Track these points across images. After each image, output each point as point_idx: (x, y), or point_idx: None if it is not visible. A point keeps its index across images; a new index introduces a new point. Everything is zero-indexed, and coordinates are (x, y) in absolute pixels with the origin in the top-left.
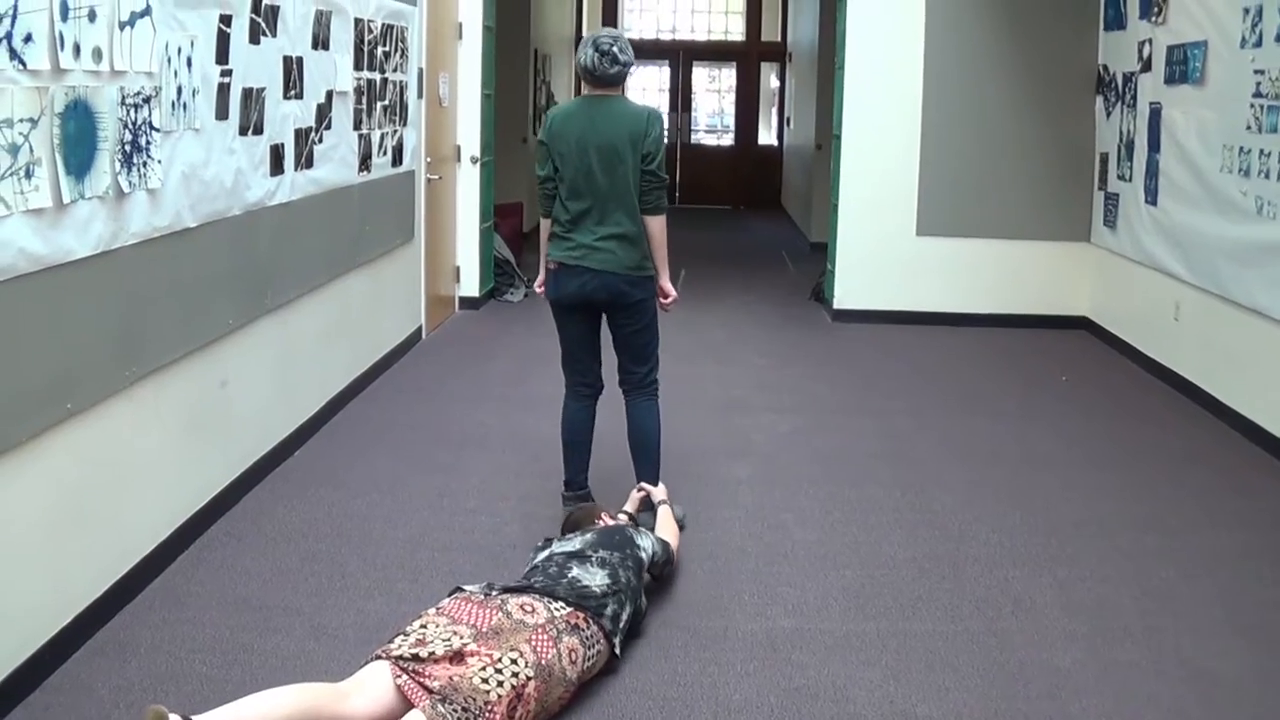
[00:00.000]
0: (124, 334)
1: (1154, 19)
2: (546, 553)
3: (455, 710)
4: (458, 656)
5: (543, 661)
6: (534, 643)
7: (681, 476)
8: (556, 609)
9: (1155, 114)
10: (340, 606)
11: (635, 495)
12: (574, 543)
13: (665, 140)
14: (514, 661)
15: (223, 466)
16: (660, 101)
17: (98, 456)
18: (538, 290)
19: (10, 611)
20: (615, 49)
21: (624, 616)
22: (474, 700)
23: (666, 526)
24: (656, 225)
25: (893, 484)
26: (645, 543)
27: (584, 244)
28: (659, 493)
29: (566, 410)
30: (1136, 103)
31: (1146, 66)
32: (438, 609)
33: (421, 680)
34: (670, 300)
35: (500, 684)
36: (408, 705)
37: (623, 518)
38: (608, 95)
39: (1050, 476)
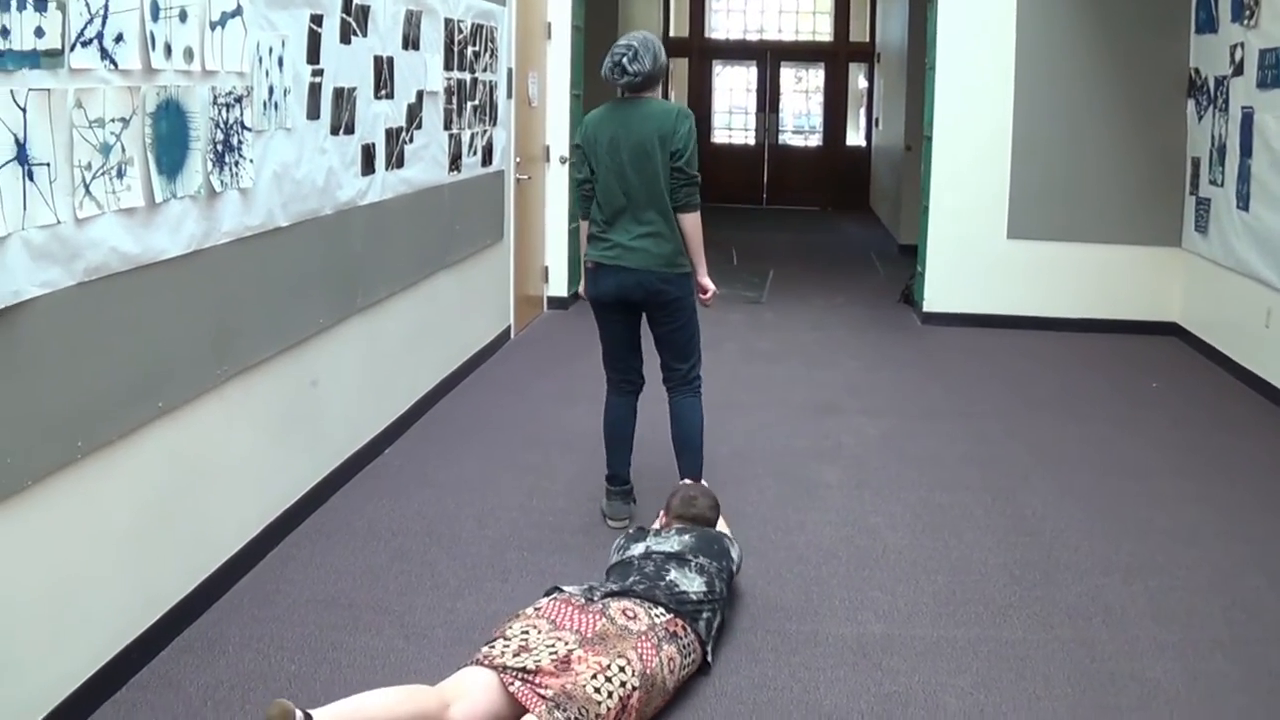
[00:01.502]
0: (215, 333)
1: (1246, 22)
2: (643, 547)
3: (570, 718)
4: (564, 663)
5: (648, 670)
6: (639, 650)
7: (771, 478)
8: (657, 615)
9: (1247, 118)
10: (429, 606)
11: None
12: (673, 543)
13: (695, 137)
14: (622, 670)
15: (312, 465)
16: (748, 102)
17: (188, 455)
18: (580, 293)
19: (100, 608)
20: (625, 60)
21: (715, 625)
22: (586, 711)
23: (724, 528)
24: (690, 222)
25: (983, 489)
26: (735, 552)
27: (619, 243)
28: None
29: (608, 406)
30: (1228, 107)
31: (1238, 70)
32: (537, 610)
33: (535, 689)
34: (709, 295)
35: (610, 694)
36: (515, 711)
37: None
38: (639, 97)
39: (1139, 484)
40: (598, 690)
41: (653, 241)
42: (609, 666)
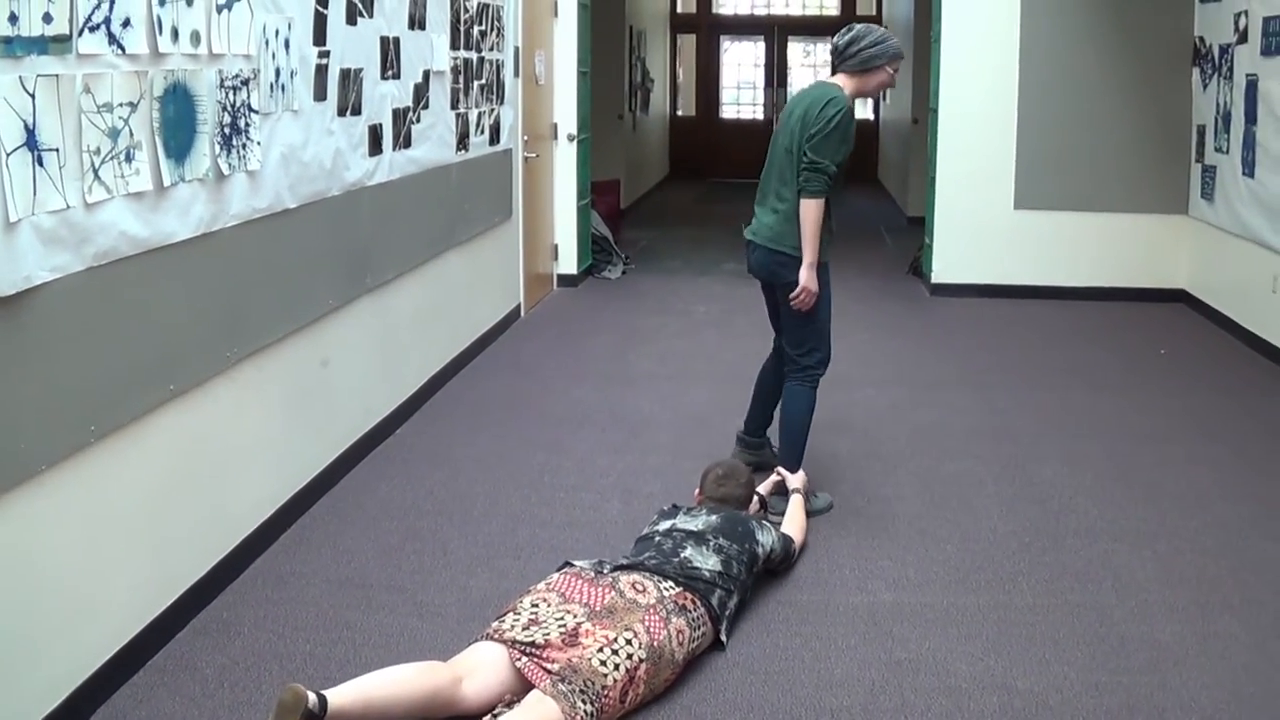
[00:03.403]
0: (225, 315)
1: None
2: (668, 524)
3: (575, 690)
4: (572, 636)
5: (655, 643)
6: (647, 623)
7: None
8: (666, 588)
9: (1252, 86)
10: (443, 584)
11: (773, 477)
12: (697, 521)
13: (837, 124)
14: (629, 642)
15: (324, 445)
16: (756, 78)
17: (201, 436)
18: None
19: (115, 592)
20: (839, 40)
21: (731, 605)
22: (592, 684)
23: (794, 519)
24: (805, 207)
25: (992, 458)
26: (765, 539)
27: (755, 218)
28: (794, 480)
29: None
30: (1233, 74)
31: (1243, 38)
32: (548, 584)
33: (541, 663)
34: (799, 292)
35: (616, 666)
36: (524, 685)
37: (754, 499)
38: (828, 79)
39: (1148, 449)
40: (604, 663)
41: (774, 220)
42: (615, 640)
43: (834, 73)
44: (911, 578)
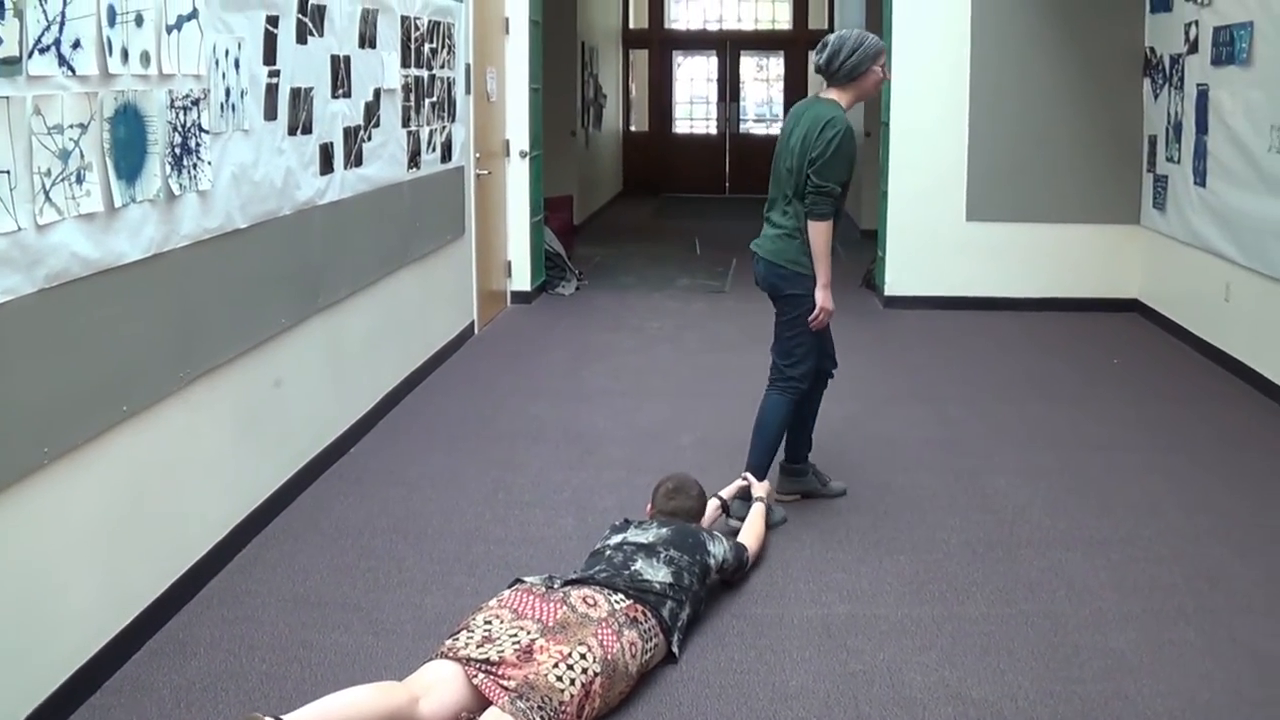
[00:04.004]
0: (177, 335)
1: (1199, 1)
2: (620, 538)
3: (533, 706)
4: (526, 653)
5: (608, 656)
6: (599, 636)
7: (734, 465)
8: (616, 601)
9: (1203, 95)
10: (398, 602)
11: (737, 482)
12: (648, 534)
13: (837, 147)
14: (583, 656)
15: (278, 465)
16: (709, 92)
17: (154, 457)
18: None
19: (70, 613)
20: (819, 58)
21: (682, 617)
22: (549, 699)
23: (752, 527)
24: (813, 230)
25: (945, 470)
26: (717, 550)
27: (763, 232)
28: (759, 488)
29: None
30: (1184, 84)
31: (1193, 48)
32: (499, 601)
33: (498, 680)
34: (816, 314)
35: (572, 681)
36: (481, 703)
37: (715, 502)
38: (821, 94)
39: (1102, 459)
40: (560, 678)
41: (776, 234)
42: (570, 654)
43: (827, 87)
44: (865, 589)
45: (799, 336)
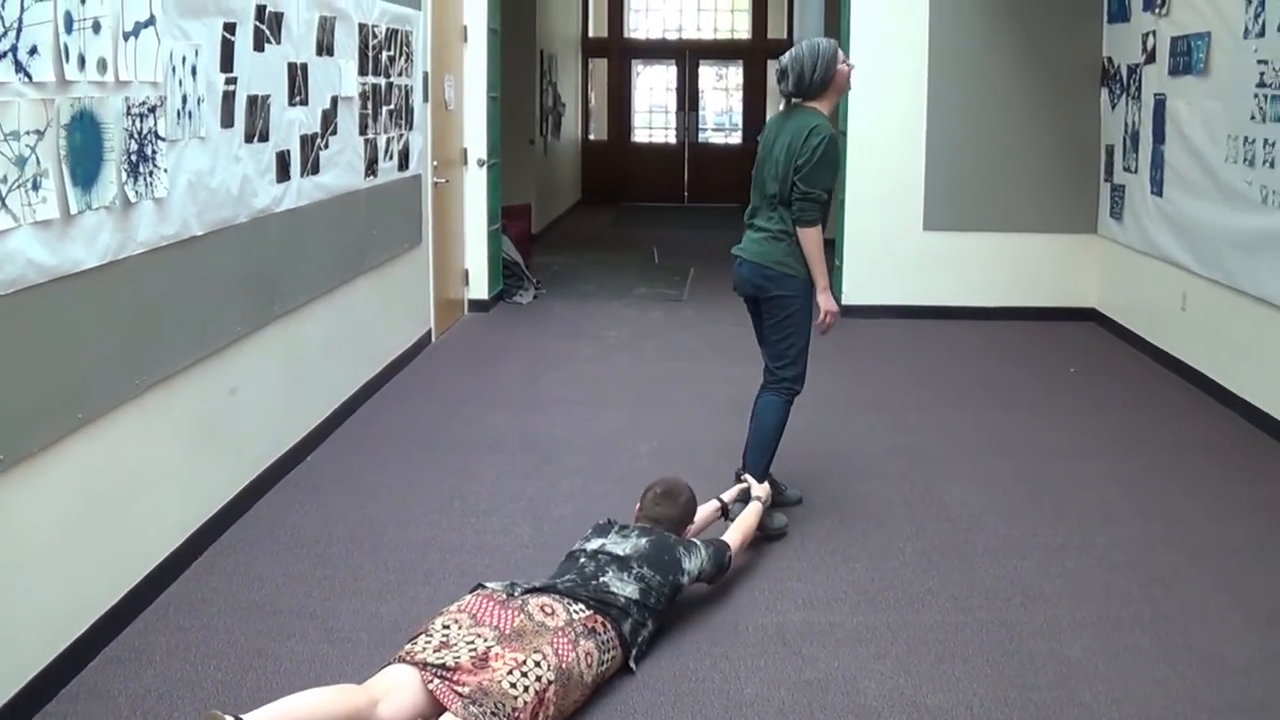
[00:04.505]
0: (133, 343)
1: (1157, 10)
2: (599, 543)
3: (486, 712)
4: (482, 660)
5: (563, 665)
6: (555, 645)
7: (691, 473)
8: (575, 611)
9: (1160, 105)
10: (353, 610)
11: (738, 485)
12: (626, 545)
13: (823, 155)
14: (538, 665)
15: (234, 473)
16: (668, 101)
17: (110, 465)
18: None
19: (26, 621)
20: (779, 74)
21: (643, 634)
22: (503, 705)
23: (741, 524)
24: (804, 236)
25: (902, 478)
26: (692, 565)
27: (746, 237)
28: (758, 489)
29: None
30: (1141, 94)
31: (1150, 58)
32: (460, 606)
33: (453, 686)
34: (824, 316)
35: (526, 689)
36: (437, 707)
37: (714, 504)
38: (802, 105)
39: (1058, 467)
40: (514, 685)
41: (762, 236)
42: (525, 662)
43: (804, 99)
44: (821, 597)
45: (790, 338)
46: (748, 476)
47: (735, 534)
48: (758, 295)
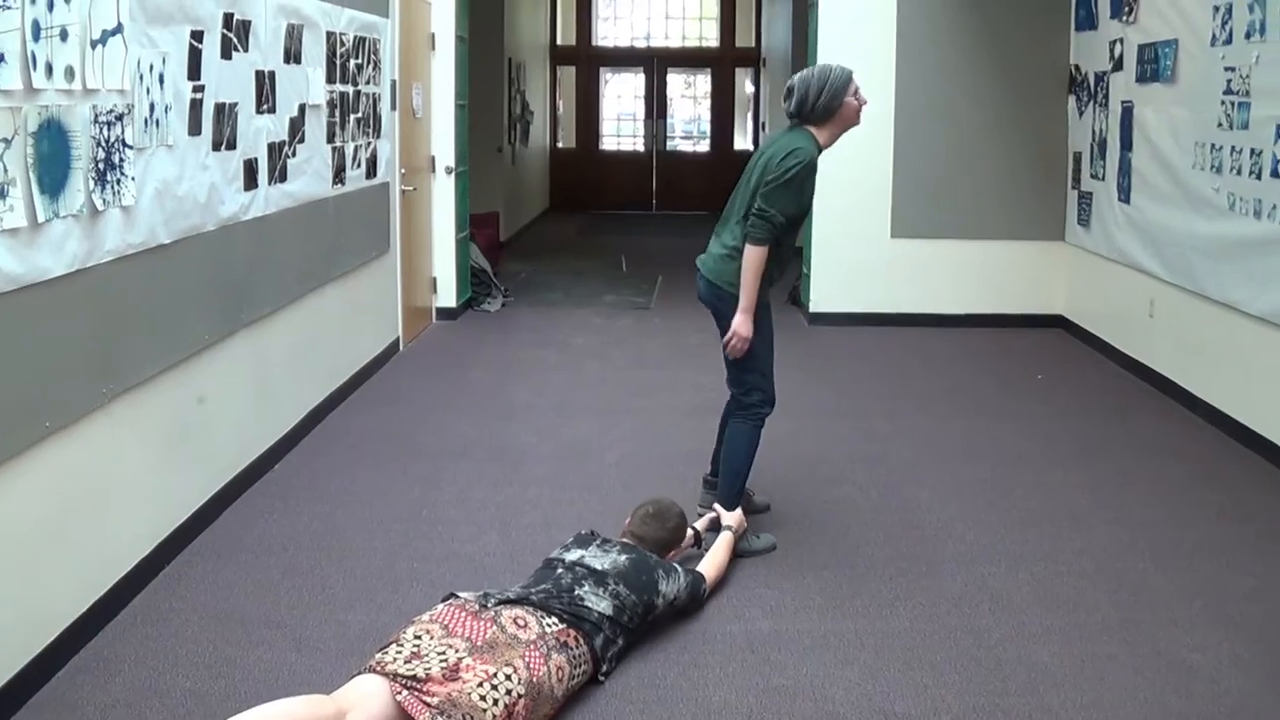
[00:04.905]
0: (100, 351)
1: (1125, 18)
2: (578, 554)
3: None
4: (452, 671)
5: (534, 679)
6: (527, 658)
7: (659, 481)
8: (548, 624)
9: (1127, 112)
10: (321, 619)
11: (709, 515)
12: (605, 560)
13: (793, 177)
14: (508, 678)
15: (202, 482)
16: (636, 109)
17: (77, 474)
18: None
19: None
20: (791, 81)
21: (614, 650)
22: (471, 718)
23: (714, 557)
24: (747, 252)
25: (870, 485)
26: (669, 589)
27: (708, 248)
28: (729, 518)
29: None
30: (1109, 102)
31: (1118, 66)
32: (432, 615)
33: (422, 697)
34: (730, 336)
35: (496, 701)
36: (407, 717)
37: (689, 532)
38: (800, 126)
39: (1026, 474)
40: (484, 698)
41: (721, 254)
42: (495, 674)
43: (804, 122)
44: (789, 604)
45: (745, 362)
46: (718, 506)
47: (708, 566)
48: (712, 312)
